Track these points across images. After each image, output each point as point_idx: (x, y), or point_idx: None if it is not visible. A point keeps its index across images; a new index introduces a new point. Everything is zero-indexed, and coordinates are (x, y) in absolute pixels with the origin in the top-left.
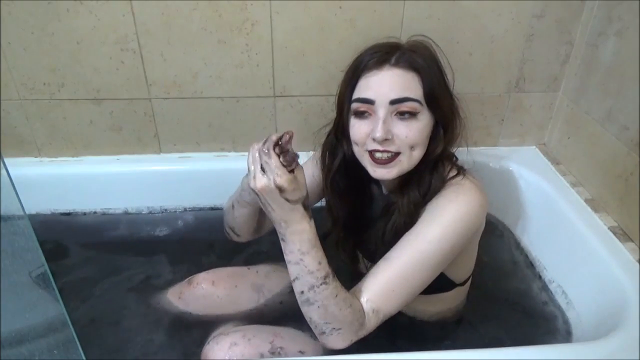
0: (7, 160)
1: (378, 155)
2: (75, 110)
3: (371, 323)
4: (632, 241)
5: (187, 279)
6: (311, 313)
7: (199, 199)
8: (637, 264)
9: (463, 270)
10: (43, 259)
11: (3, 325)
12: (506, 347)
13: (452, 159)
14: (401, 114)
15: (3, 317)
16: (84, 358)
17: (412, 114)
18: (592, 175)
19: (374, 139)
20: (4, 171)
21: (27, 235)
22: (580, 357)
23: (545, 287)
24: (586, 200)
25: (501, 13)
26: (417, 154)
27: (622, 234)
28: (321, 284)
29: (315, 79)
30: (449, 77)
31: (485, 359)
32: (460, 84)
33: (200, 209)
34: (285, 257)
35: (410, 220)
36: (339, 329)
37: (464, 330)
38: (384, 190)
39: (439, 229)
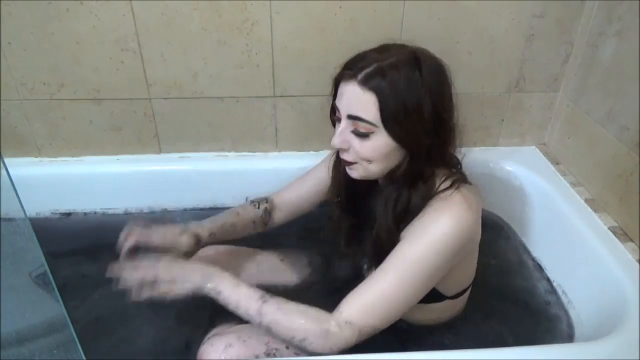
0: (7, 160)
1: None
2: (75, 110)
3: (345, 333)
4: (632, 241)
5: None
6: (276, 334)
7: (199, 199)
8: (637, 264)
9: (454, 285)
10: (43, 259)
11: (3, 325)
12: (507, 347)
13: (451, 167)
14: (354, 132)
15: (3, 317)
16: (84, 358)
17: (364, 135)
18: (592, 175)
19: (332, 146)
20: (4, 171)
21: (27, 235)
22: (580, 357)
23: (545, 287)
24: (586, 200)
25: (501, 13)
26: (375, 167)
27: (622, 234)
28: (263, 303)
29: (315, 79)
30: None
31: (485, 359)
32: (460, 84)
33: (201, 209)
34: (229, 306)
35: (382, 234)
36: (304, 338)
37: (465, 328)
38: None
39: (420, 249)
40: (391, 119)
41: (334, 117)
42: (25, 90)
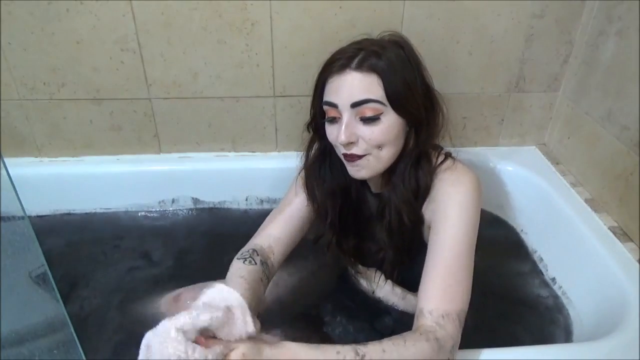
0: (7, 160)
1: (348, 157)
2: (75, 110)
3: (448, 328)
4: (632, 241)
5: (175, 293)
6: None
7: (199, 199)
8: (637, 264)
9: None
10: (43, 259)
11: (3, 325)
12: (505, 348)
13: (438, 149)
14: (363, 119)
15: (3, 317)
16: (84, 358)
17: (374, 119)
18: (592, 175)
19: (340, 143)
20: (4, 171)
21: (27, 235)
22: (580, 357)
23: (545, 287)
24: (586, 200)
25: (501, 13)
26: (386, 153)
27: (622, 234)
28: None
29: (315, 79)
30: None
31: (483, 359)
32: (460, 84)
33: (201, 209)
34: None
35: (404, 218)
36: None
37: (463, 328)
38: (373, 189)
39: (456, 217)
40: (396, 96)
41: (320, 120)
42: (25, 90)
